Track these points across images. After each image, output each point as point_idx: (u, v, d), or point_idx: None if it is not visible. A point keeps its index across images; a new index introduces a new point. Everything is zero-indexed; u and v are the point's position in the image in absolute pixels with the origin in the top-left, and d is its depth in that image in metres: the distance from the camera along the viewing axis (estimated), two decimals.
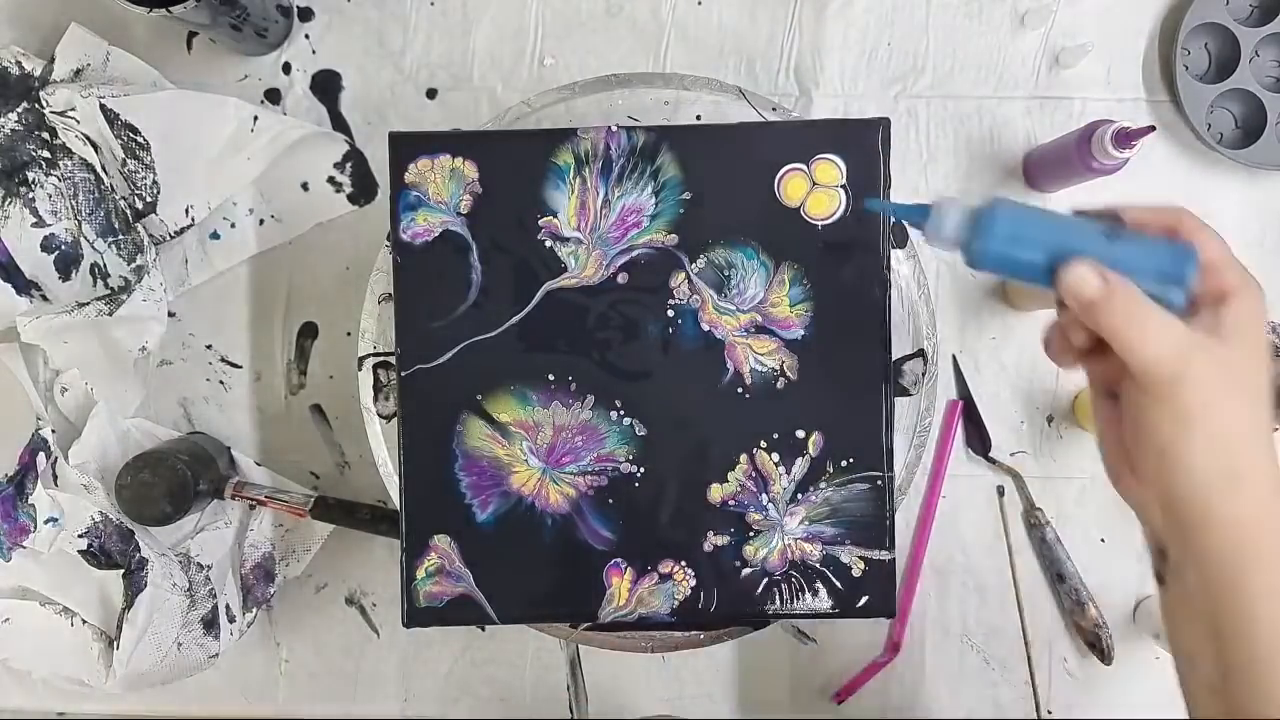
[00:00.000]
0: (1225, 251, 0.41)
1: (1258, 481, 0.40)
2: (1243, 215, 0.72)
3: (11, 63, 0.67)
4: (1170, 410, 0.40)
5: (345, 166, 0.71)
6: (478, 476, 0.54)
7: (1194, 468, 0.40)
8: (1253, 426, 0.40)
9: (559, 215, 0.54)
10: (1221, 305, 0.40)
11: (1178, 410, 0.40)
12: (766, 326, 0.54)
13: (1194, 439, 0.40)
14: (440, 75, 0.71)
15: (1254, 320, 0.40)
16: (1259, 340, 0.41)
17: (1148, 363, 0.39)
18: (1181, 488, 0.41)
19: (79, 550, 0.65)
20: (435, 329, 0.54)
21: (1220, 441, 0.40)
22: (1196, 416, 0.39)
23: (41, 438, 0.67)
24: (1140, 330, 0.39)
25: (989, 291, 0.72)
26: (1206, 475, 0.40)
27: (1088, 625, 0.71)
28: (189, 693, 0.71)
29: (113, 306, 0.66)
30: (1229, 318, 0.40)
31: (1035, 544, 0.72)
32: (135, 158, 0.66)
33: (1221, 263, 0.41)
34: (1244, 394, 0.40)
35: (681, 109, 0.65)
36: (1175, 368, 0.39)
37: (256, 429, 0.72)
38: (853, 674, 0.72)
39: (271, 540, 0.71)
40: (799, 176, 0.53)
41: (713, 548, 0.54)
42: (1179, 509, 0.41)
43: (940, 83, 0.71)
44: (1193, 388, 0.39)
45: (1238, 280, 0.41)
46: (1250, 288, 0.41)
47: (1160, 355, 0.39)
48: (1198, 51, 0.72)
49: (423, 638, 0.73)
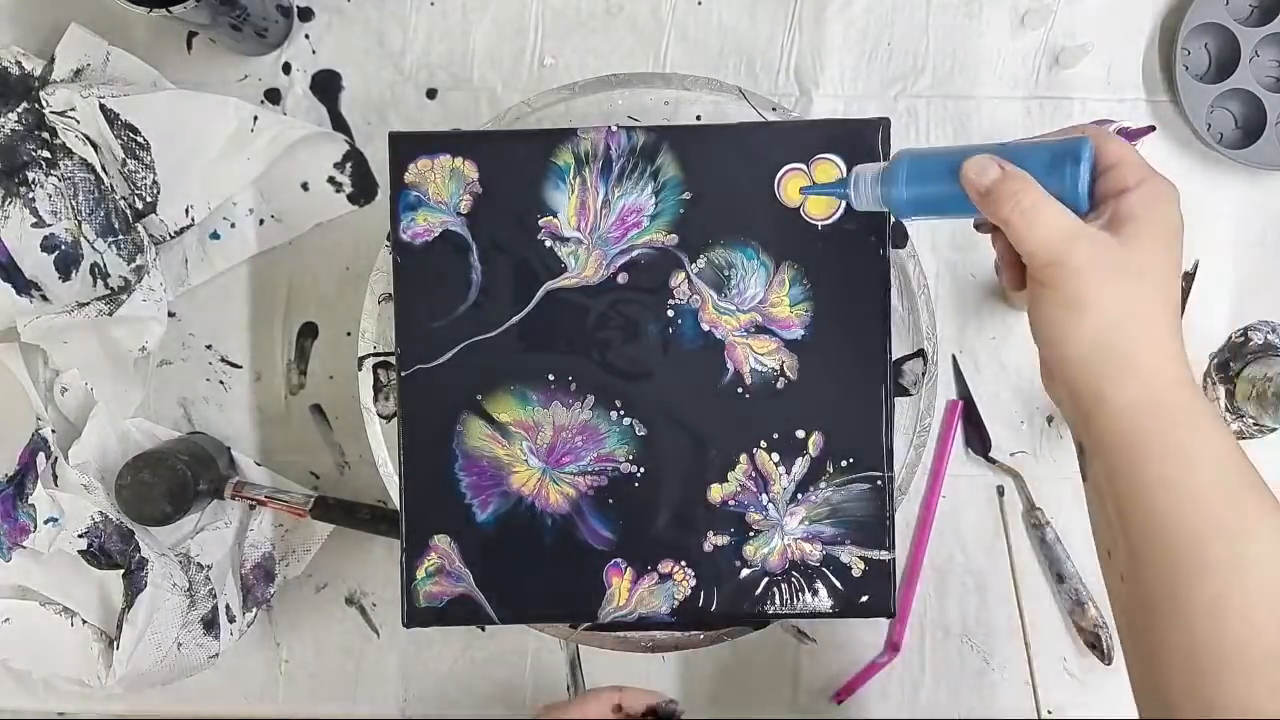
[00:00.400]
0: (1129, 154, 0.41)
1: (1151, 369, 0.40)
2: (1243, 215, 0.72)
3: (11, 63, 0.67)
4: (1058, 296, 0.40)
5: (345, 166, 0.71)
6: (478, 476, 0.54)
7: (1082, 356, 0.40)
8: (1145, 313, 0.40)
9: (559, 215, 0.54)
10: (1119, 198, 0.40)
11: (1064, 296, 0.40)
12: (766, 326, 0.54)
13: (1081, 325, 0.40)
14: (440, 75, 0.71)
15: (1151, 208, 0.40)
16: (1159, 229, 0.40)
17: (1033, 248, 0.40)
18: (1075, 378, 0.41)
19: (79, 550, 0.65)
20: (435, 329, 0.54)
21: (1108, 328, 0.40)
22: (1081, 302, 0.40)
23: (41, 438, 0.67)
24: (1029, 217, 0.40)
25: (989, 291, 0.72)
26: (1094, 362, 0.40)
27: (1088, 625, 0.71)
28: (189, 693, 0.71)
29: (113, 306, 0.66)
30: (1123, 207, 0.40)
31: (1035, 544, 0.72)
32: (135, 158, 0.66)
33: (1123, 163, 0.41)
34: (1135, 280, 0.40)
35: (681, 109, 0.65)
36: (1058, 253, 0.39)
37: (256, 429, 0.72)
38: (853, 674, 0.72)
39: (271, 540, 0.71)
40: (799, 177, 0.53)
41: (713, 548, 0.54)
42: (1078, 397, 0.41)
43: (940, 83, 0.71)
44: (1078, 274, 0.39)
45: (1139, 176, 0.41)
46: (1151, 181, 0.41)
47: (1045, 240, 0.40)
48: (1198, 51, 0.72)
49: (423, 638, 0.72)
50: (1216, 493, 0.39)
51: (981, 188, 0.41)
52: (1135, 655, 0.42)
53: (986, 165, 0.41)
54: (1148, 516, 0.40)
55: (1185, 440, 0.40)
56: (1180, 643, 0.39)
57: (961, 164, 0.42)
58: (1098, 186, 0.41)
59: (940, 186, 0.43)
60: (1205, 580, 0.38)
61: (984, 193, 0.41)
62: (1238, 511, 0.39)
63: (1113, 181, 0.41)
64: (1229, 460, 0.40)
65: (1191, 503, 0.39)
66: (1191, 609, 0.39)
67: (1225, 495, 0.39)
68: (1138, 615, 0.41)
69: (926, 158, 0.44)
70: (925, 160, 0.44)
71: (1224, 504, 0.39)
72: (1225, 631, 0.38)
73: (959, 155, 0.42)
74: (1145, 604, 0.40)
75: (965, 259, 0.71)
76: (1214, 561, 0.38)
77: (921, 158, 0.44)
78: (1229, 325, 0.71)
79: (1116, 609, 0.44)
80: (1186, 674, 0.39)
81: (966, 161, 0.42)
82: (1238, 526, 0.39)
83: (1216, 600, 0.38)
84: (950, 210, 0.44)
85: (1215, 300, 0.71)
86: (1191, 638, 0.39)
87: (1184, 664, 0.39)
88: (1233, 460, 0.40)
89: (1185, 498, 0.39)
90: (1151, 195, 0.40)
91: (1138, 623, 0.42)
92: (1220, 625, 0.38)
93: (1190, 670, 0.39)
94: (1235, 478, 0.40)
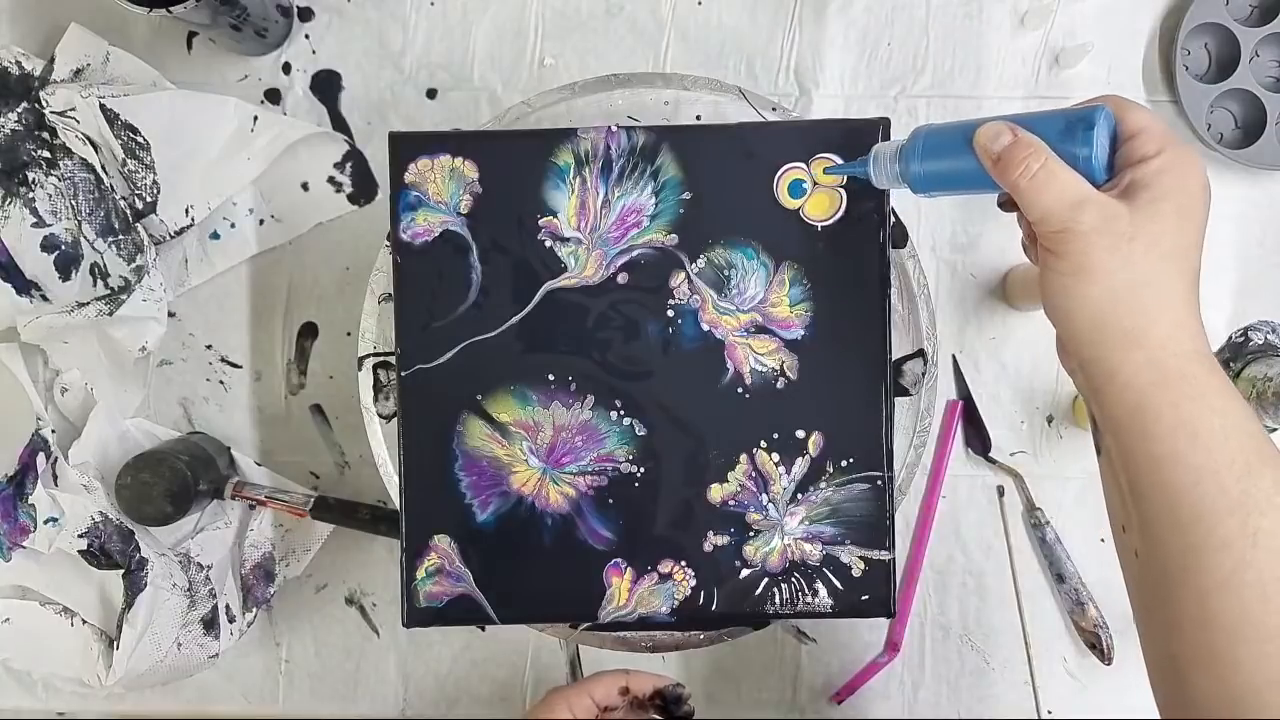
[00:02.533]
0: (1152, 121, 0.40)
1: (1159, 340, 0.39)
2: (1243, 215, 0.72)
3: (11, 63, 0.67)
4: (1066, 265, 0.39)
5: (345, 166, 0.71)
6: (478, 476, 0.54)
7: (1091, 324, 0.39)
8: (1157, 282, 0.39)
9: (559, 215, 0.54)
10: (1137, 166, 0.39)
11: (1071, 265, 0.39)
12: (766, 326, 0.54)
13: (1089, 295, 0.39)
14: (440, 75, 0.71)
15: (1169, 176, 0.39)
16: (1177, 197, 0.39)
17: (1040, 214, 0.39)
18: (1087, 347, 0.40)
19: (79, 550, 0.65)
20: (435, 329, 0.54)
21: (1117, 298, 0.39)
22: (1086, 269, 0.39)
23: (41, 438, 0.67)
24: (1038, 182, 0.39)
25: (989, 291, 0.72)
26: (1104, 333, 0.39)
27: (1088, 625, 0.71)
28: (189, 693, 0.71)
29: (113, 306, 0.66)
30: (1139, 175, 0.39)
31: (1035, 544, 0.72)
32: (135, 158, 0.66)
33: (1145, 131, 0.40)
34: (1146, 249, 0.38)
35: (681, 109, 0.65)
36: (1066, 219, 0.39)
37: (256, 429, 0.72)
38: (853, 674, 0.72)
39: (271, 540, 0.71)
40: (799, 176, 0.53)
41: (713, 548, 0.54)
42: (1089, 370, 0.41)
43: (940, 83, 0.71)
44: (1085, 240, 0.38)
45: (1159, 144, 0.40)
46: (1172, 149, 0.40)
47: (1052, 206, 0.39)
48: (1198, 51, 0.72)
49: (423, 638, 0.73)
50: (1230, 469, 0.38)
51: (993, 153, 0.40)
52: (1148, 629, 0.42)
53: (999, 131, 0.40)
54: (1160, 493, 0.39)
55: (1197, 414, 0.39)
56: (1193, 617, 0.39)
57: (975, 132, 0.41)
58: (1119, 156, 0.40)
59: (957, 159, 0.43)
60: (1219, 556, 0.38)
61: (996, 159, 0.40)
62: (1251, 487, 0.38)
63: (1133, 150, 0.40)
64: (1243, 434, 0.39)
65: (1204, 479, 0.38)
66: (1205, 584, 0.38)
67: (1239, 471, 0.38)
68: (1151, 590, 0.41)
69: (944, 133, 0.44)
70: (942, 133, 0.44)
71: (1237, 479, 0.38)
72: (1239, 606, 0.38)
73: (975, 125, 0.42)
74: (1159, 579, 0.40)
75: (965, 259, 0.71)
76: (1228, 538, 0.38)
77: (939, 133, 0.44)
78: (1229, 325, 0.71)
79: (1130, 583, 0.43)
80: (1199, 647, 0.39)
81: (980, 128, 0.41)
82: (1251, 502, 0.38)
83: (1230, 576, 0.38)
84: (969, 184, 0.43)
85: (1215, 300, 0.71)
86: (1204, 613, 0.38)
87: (1197, 638, 0.39)
88: (1247, 434, 0.39)
89: (1197, 474, 0.38)
90: (1171, 163, 0.39)
91: (1151, 598, 0.41)
92: (1234, 600, 0.38)
93: (1203, 644, 0.38)
94: (1249, 452, 0.39)
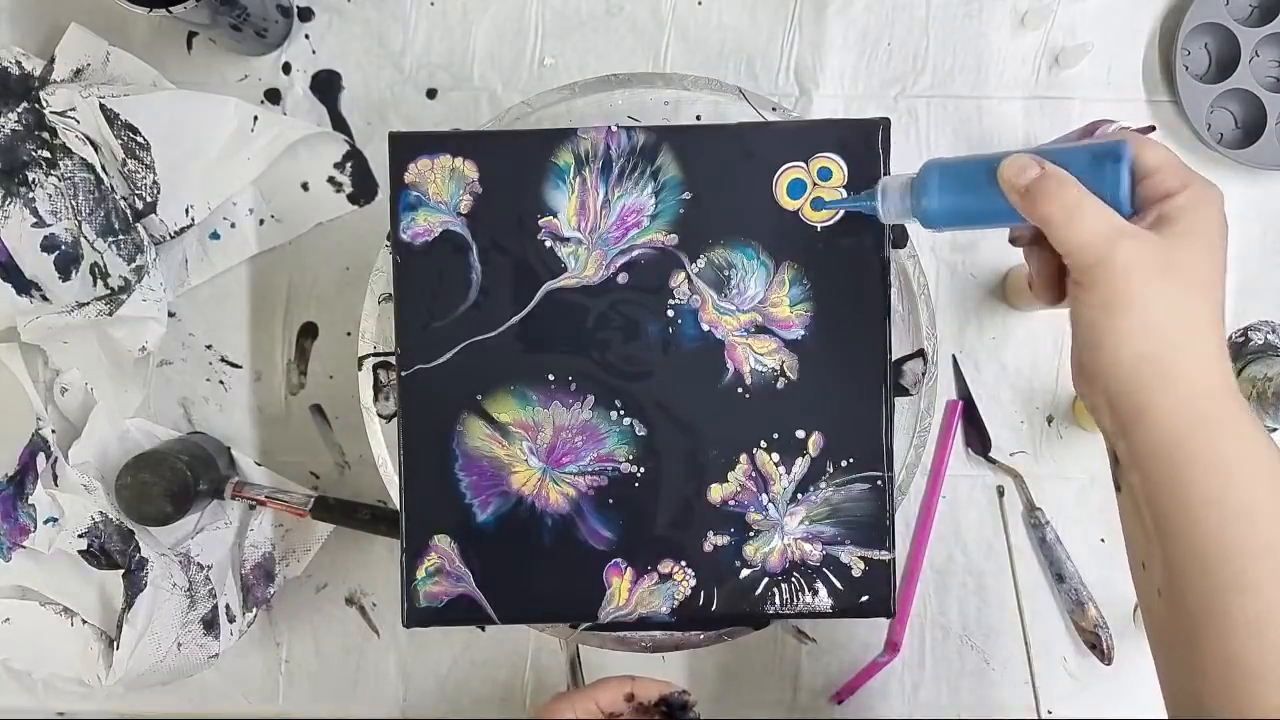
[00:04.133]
0: (1168, 157, 0.40)
1: (1192, 377, 0.39)
2: (1243, 215, 0.71)
3: (11, 63, 0.67)
4: (1099, 298, 0.39)
5: (345, 166, 0.71)
6: (478, 476, 0.54)
7: (1124, 360, 0.39)
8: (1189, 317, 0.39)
9: (559, 215, 0.54)
10: (1163, 202, 0.39)
11: (1106, 298, 0.39)
12: (766, 326, 0.54)
13: (1122, 329, 0.39)
14: (440, 75, 0.71)
15: (1196, 211, 0.39)
16: (1204, 232, 0.39)
17: (1075, 247, 0.39)
18: (1115, 382, 0.40)
19: (79, 550, 0.65)
20: (435, 329, 0.54)
21: (1151, 332, 0.38)
22: (1123, 305, 0.38)
23: (41, 438, 0.67)
24: (1071, 214, 0.39)
25: (989, 291, 0.72)
26: (1138, 369, 0.39)
27: (1088, 625, 0.71)
28: (189, 693, 0.71)
29: (113, 306, 0.66)
30: (1168, 209, 0.39)
31: (1035, 544, 0.72)
32: (135, 158, 0.66)
33: (1165, 166, 0.40)
34: (1179, 283, 0.38)
35: (681, 109, 0.65)
36: (1102, 252, 0.38)
37: (256, 429, 0.72)
38: (853, 674, 0.72)
39: (271, 540, 0.71)
40: (799, 176, 0.53)
41: (713, 548, 0.54)
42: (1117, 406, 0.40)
43: (940, 83, 0.71)
44: (1121, 274, 0.38)
45: (1183, 179, 0.40)
46: (1196, 185, 0.40)
47: (1089, 239, 0.38)
48: (1198, 51, 0.72)
49: (423, 638, 0.72)
50: (1261, 509, 0.38)
51: (1021, 186, 0.40)
52: (1169, 666, 0.41)
53: (1026, 164, 0.40)
54: (1190, 532, 0.39)
55: (1230, 455, 0.39)
56: (1219, 656, 0.38)
57: (997, 167, 0.41)
58: (1139, 192, 0.40)
59: (975, 194, 0.42)
60: (1248, 598, 0.37)
61: (1024, 192, 0.40)
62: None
63: (1157, 186, 0.40)
64: (1274, 474, 0.39)
65: (1236, 520, 0.38)
66: (1231, 625, 0.38)
67: (1270, 511, 0.38)
68: (1174, 629, 0.40)
69: (957, 165, 0.43)
70: (957, 167, 0.43)
71: (1269, 521, 0.38)
72: (1265, 648, 0.37)
73: (992, 160, 0.41)
74: (1183, 618, 0.39)
75: (965, 259, 0.71)
76: (1259, 580, 0.37)
77: (951, 169, 0.43)
78: (1229, 325, 0.71)
79: (1150, 620, 0.42)
80: (1224, 686, 0.38)
81: (1005, 161, 0.41)
82: None
83: (1259, 618, 0.37)
84: (985, 219, 0.43)
85: None
86: (1229, 652, 0.38)
87: (1220, 677, 0.38)
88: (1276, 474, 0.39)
89: (1229, 515, 0.38)
90: (1196, 199, 0.39)
91: (1173, 636, 0.41)
92: (1260, 643, 0.37)
93: (1226, 683, 0.38)
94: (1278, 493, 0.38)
